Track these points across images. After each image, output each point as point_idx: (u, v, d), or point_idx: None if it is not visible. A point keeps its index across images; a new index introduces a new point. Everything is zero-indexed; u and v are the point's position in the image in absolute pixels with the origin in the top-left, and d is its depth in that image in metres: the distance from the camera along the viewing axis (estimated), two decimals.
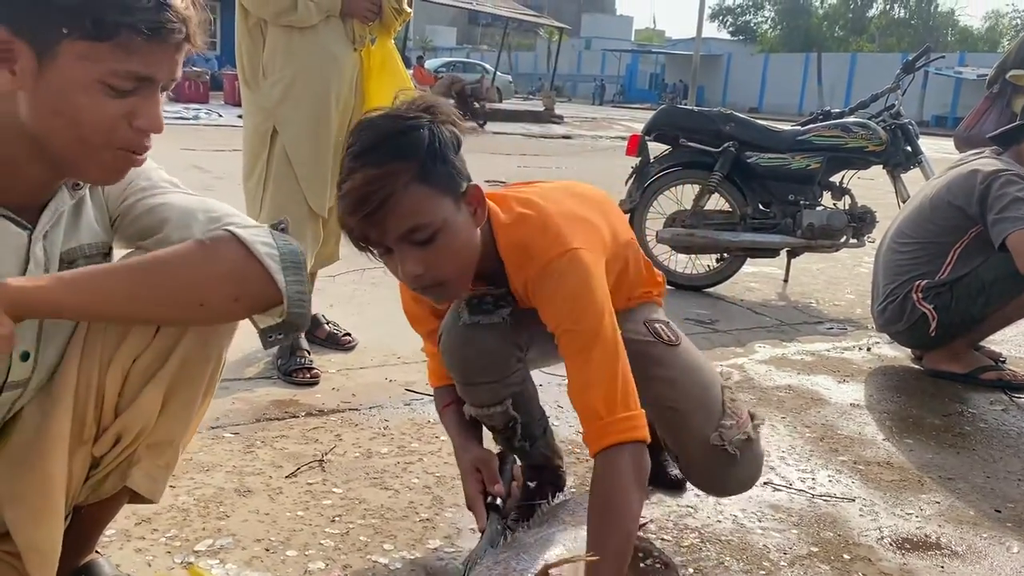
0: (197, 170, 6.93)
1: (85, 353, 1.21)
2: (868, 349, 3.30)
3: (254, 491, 1.84)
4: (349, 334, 2.93)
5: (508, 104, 23.15)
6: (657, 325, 1.66)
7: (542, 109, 20.71)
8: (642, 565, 1.62)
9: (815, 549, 1.77)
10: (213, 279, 1.14)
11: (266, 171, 2.63)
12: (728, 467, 1.60)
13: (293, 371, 2.53)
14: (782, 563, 1.71)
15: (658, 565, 1.63)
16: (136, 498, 1.32)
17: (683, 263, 4.33)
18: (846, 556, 1.75)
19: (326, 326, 2.91)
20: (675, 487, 1.96)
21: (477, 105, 17.10)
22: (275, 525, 1.71)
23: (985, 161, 2.83)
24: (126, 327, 1.21)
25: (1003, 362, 3.06)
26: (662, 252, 4.23)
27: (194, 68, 16.49)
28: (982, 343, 3.07)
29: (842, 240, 4.09)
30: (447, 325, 1.57)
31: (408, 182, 1.29)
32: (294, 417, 2.27)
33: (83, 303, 1.09)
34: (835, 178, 4.20)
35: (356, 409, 2.36)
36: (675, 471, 1.94)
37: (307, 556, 1.61)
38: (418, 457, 2.07)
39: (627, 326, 1.54)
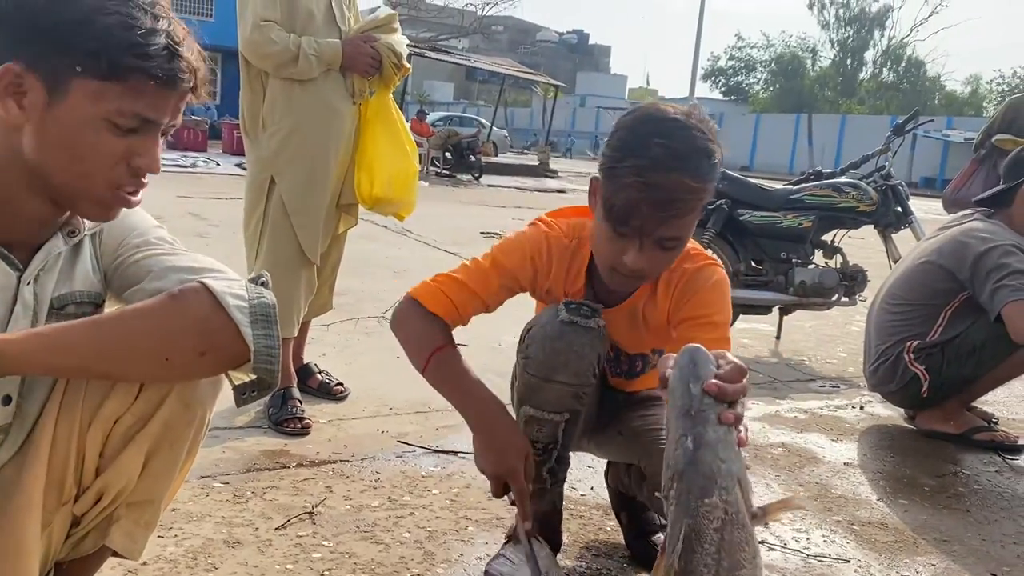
0: (193, 217, 6.96)
1: (62, 415, 1.18)
2: (861, 408, 3.30)
3: (243, 543, 1.82)
4: (341, 384, 2.91)
5: (503, 158, 23.44)
6: None
7: (537, 163, 20.95)
8: None
9: None
10: (177, 332, 1.12)
11: (263, 220, 2.64)
12: None
13: (284, 421, 2.51)
14: None
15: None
16: (120, 553, 1.30)
17: None
18: None
19: (318, 375, 2.90)
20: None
21: (473, 158, 17.32)
22: None
23: (978, 226, 2.86)
24: (105, 387, 1.18)
25: (995, 423, 3.06)
26: None
27: (193, 117, 16.72)
28: (974, 404, 3.07)
29: (834, 298, 4.12)
30: (542, 319, 1.60)
31: (702, 204, 1.44)
32: (285, 468, 2.25)
33: (47, 357, 1.07)
34: (827, 237, 4.24)
35: (347, 460, 2.33)
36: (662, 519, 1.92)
37: None
38: (409, 511, 2.05)
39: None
